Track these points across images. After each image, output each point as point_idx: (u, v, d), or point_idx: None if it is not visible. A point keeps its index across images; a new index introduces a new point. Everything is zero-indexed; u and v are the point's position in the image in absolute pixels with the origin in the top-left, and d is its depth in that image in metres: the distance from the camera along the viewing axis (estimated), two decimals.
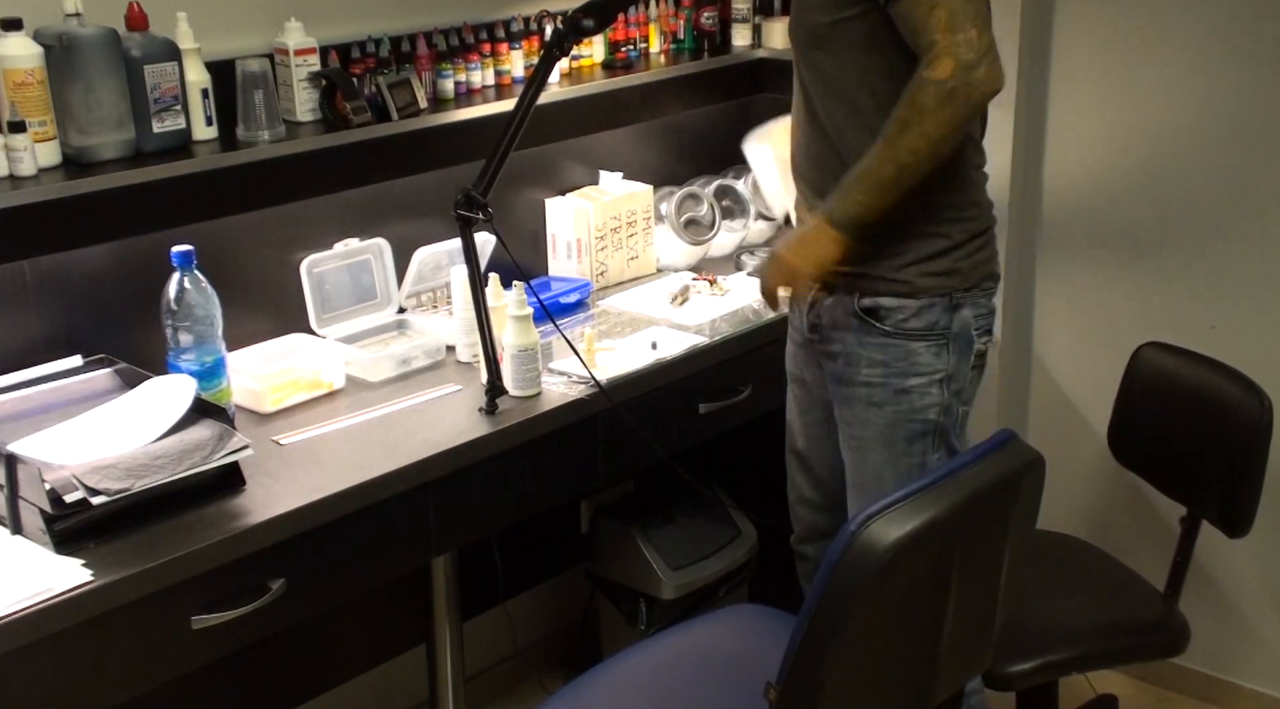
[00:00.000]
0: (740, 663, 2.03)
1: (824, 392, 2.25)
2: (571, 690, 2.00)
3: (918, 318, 2.07)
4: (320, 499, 1.92)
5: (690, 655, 2.08)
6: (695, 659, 2.06)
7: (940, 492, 1.61)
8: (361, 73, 2.44)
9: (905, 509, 1.55)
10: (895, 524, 1.53)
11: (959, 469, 1.67)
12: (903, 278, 2.06)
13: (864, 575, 1.53)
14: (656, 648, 2.11)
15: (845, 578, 1.53)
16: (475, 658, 2.86)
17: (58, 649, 1.67)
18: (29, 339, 2.15)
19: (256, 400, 2.20)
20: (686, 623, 2.22)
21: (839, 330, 2.13)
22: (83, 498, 1.75)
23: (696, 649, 2.10)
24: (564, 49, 2.21)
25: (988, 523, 1.72)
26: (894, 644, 1.68)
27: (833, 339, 2.15)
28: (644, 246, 2.90)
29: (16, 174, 2.04)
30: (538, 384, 2.27)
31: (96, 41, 2.09)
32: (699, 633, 2.16)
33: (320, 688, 2.72)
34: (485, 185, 2.19)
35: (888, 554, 1.51)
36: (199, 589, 1.79)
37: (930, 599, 1.67)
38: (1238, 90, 2.76)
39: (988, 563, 1.76)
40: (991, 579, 1.78)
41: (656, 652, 2.09)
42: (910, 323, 2.07)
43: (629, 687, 2.00)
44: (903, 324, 2.08)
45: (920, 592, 1.65)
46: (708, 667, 2.03)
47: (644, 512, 2.89)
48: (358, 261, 2.54)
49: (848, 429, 2.17)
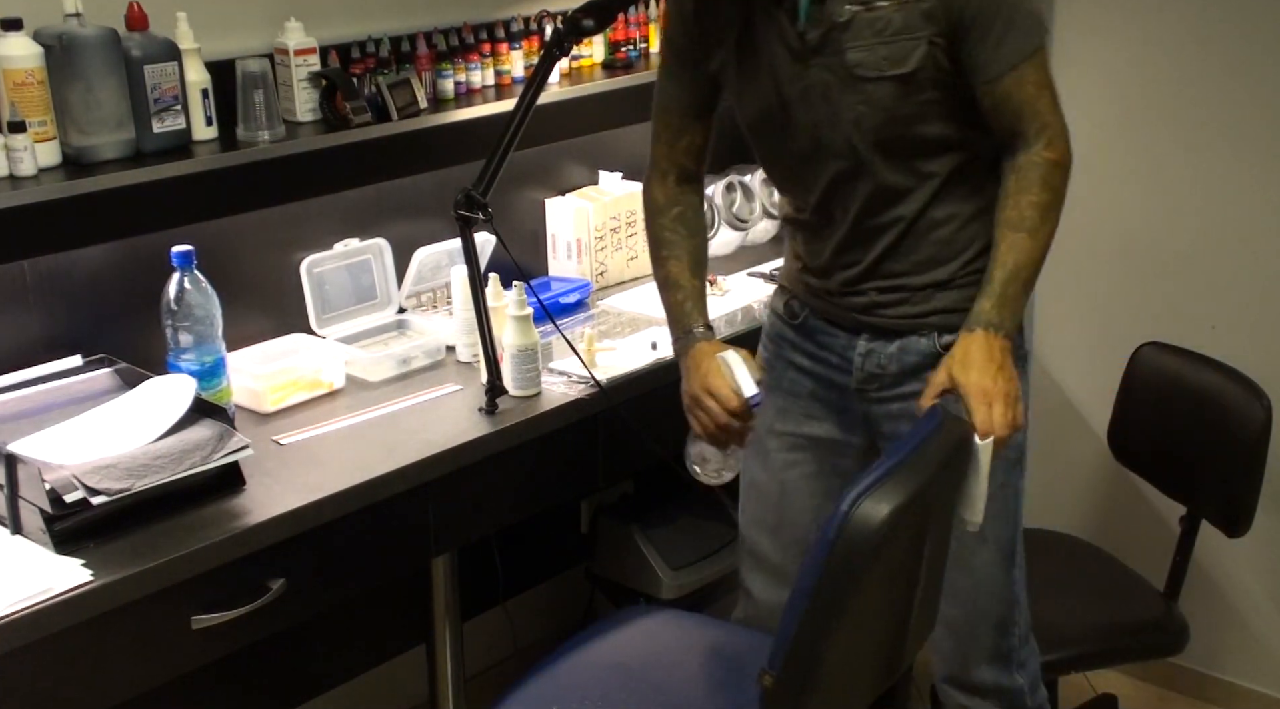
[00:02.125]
0: (661, 666, 1.99)
1: (843, 449, 2.14)
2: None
3: None
4: (320, 499, 1.92)
5: (607, 664, 2.00)
6: (612, 667, 1.99)
7: (915, 465, 1.64)
8: (361, 73, 2.44)
9: (890, 484, 1.57)
10: (885, 500, 1.55)
11: (926, 439, 1.70)
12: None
13: (861, 552, 1.54)
14: (570, 662, 2.00)
15: (843, 556, 1.55)
16: (475, 658, 2.86)
17: (58, 649, 1.67)
18: (29, 339, 2.15)
19: (256, 400, 2.20)
20: (588, 634, 2.09)
21: (913, 375, 2.00)
22: (83, 498, 1.75)
23: (612, 657, 2.02)
24: (564, 49, 2.21)
25: (946, 488, 1.77)
26: (880, 616, 1.71)
27: (904, 384, 2.02)
28: (644, 246, 2.89)
29: (16, 174, 2.04)
30: (538, 384, 2.27)
31: (96, 41, 2.09)
32: (610, 641, 2.07)
33: (320, 688, 2.72)
34: (485, 185, 2.19)
35: (883, 529, 1.53)
36: (199, 589, 1.79)
37: (909, 568, 1.72)
38: (1238, 88, 2.76)
39: (943, 526, 1.81)
40: (944, 541, 1.84)
41: (571, 667, 1.99)
42: None
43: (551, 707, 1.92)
44: None
45: (903, 562, 1.69)
46: (630, 674, 1.96)
47: (644, 512, 2.89)
48: (358, 261, 2.55)
49: None
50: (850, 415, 2.11)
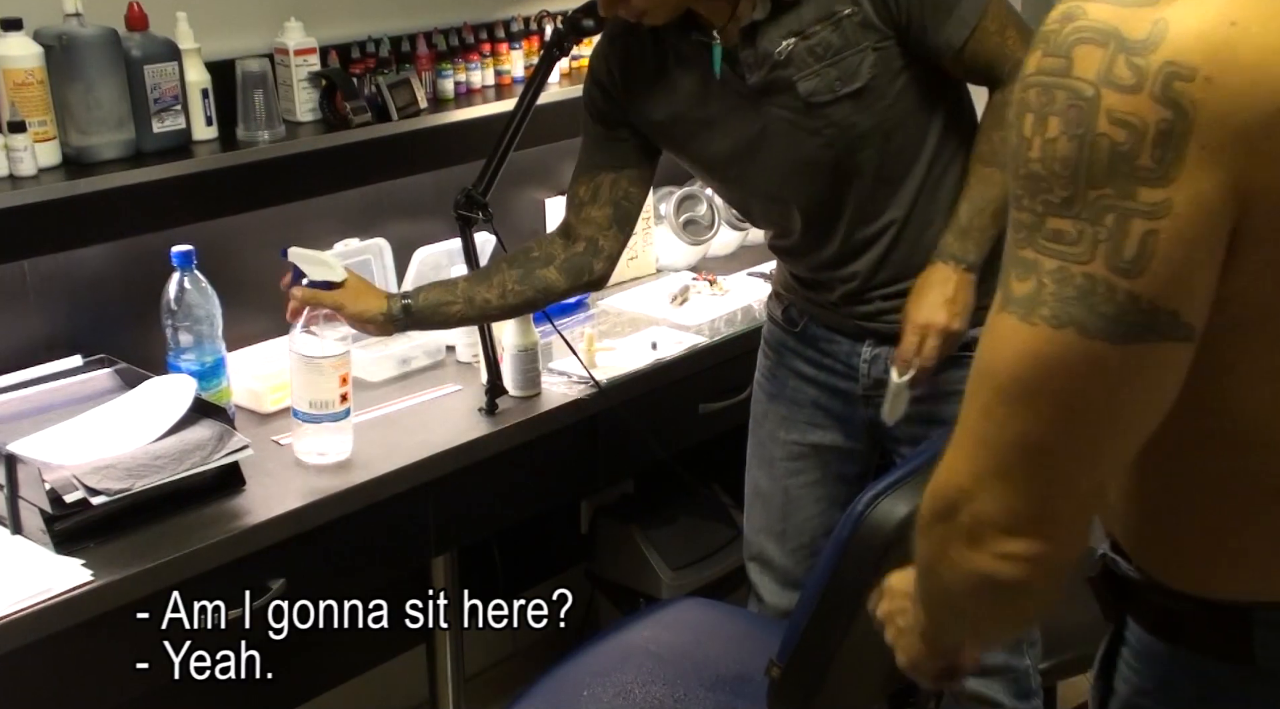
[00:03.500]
0: (691, 656, 2.01)
1: (848, 456, 2.13)
2: (524, 704, 1.96)
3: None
4: (320, 499, 1.92)
5: (639, 653, 2.03)
6: (645, 656, 2.02)
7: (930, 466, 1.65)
8: (361, 73, 2.44)
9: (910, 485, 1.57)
10: (903, 501, 1.55)
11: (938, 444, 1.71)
12: (984, 303, 1.99)
13: (874, 551, 1.54)
14: (604, 649, 2.05)
15: (856, 555, 1.55)
16: (475, 658, 2.86)
17: (57, 649, 1.67)
18: (29, 339, 2.15)
19: (256, 400, 2.20)
20: (626, 620, 2.16)
21: (940, 370, 1.94)
22: (83, 498, 1.75)
23: (646, 646, 2.05)
24: (564, 49, 2.21)
25: None
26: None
27: (934, 381, 1.95)
28: (644, 246, 2.90)
29: (16, 174, 2.04)
30: (538, 384, 2.27)
31: (96, 41, 2.09)
32: (644, 630, 2.11)
33: (320, 688, 2.71)
34: (485, 185, 2.19)
35: (899, 530, 1.53)
36: (199, 589, 1.79)
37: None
38: None
39: None
40: None
41: (604, 652, 2.04)
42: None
43: (584, 692, 1.96)
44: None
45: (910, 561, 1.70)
46: (661, 663, 2.00)
47: (644, 512, 2.89)
48: (358, 261, 2.54)
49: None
50: (855, 422, 2.11)
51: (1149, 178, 0.92)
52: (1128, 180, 0.92)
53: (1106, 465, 1.02)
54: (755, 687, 1.94)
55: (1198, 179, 0.92)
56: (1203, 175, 0.92)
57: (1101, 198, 0.93)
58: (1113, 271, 0.94)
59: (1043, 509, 1.01)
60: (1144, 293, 0.93)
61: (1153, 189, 0.92)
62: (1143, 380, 0.97)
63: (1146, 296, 0.94)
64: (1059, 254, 0.95)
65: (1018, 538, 1.02)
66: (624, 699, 1.92)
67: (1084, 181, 0.93)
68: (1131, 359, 0.96)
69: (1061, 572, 1.05)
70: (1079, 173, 0.93)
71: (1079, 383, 0.97)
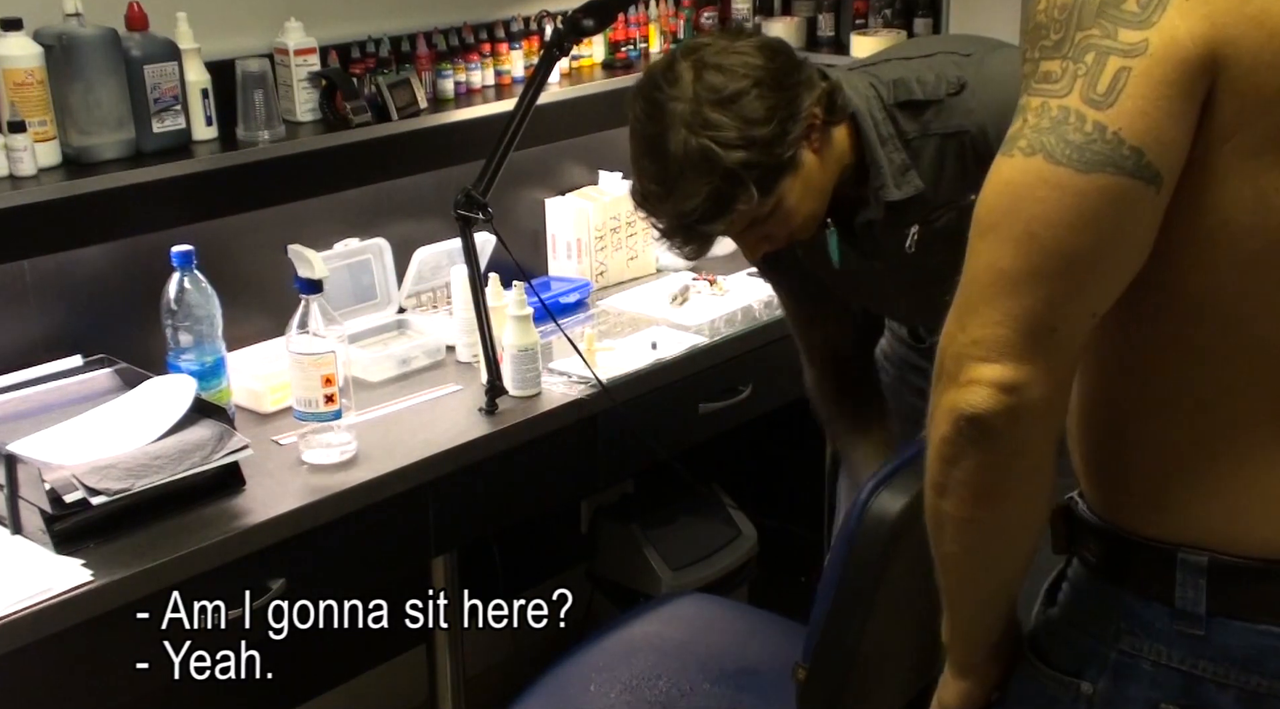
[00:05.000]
0: (694, 651, 2.02)
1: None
2: (530, 699, 1.97)
3: None
4: (320, 499, 1.92)
5: (643, 648, 2.04)
6: (649, 651, 2.03)
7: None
8: (361, 73, 2.44)
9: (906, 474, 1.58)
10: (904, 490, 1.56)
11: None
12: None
13: (882, 540, 1.56)
14: (607, 644, 2.07)
15: (864, 547, 1.56)
16: (475, 658, 2.86)
17: (57, 649, 1.67)
18: (29, 339, 2.15)
19: (256, 400, 2.20)
20: (628, 616, 2.17)
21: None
22: (83, 498, 1.75)
23: (649, 641, 2.06)
24: (564, 49, 2.21)
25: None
26: (911, 608, 1.71)
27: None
28: (644, 246, 2.90)
29: (16, 174, 2.04)
30: (538, 384, 2.27)
31: (96, 41, 2.09)
32: (647, 625, 2.12)
33: (320, 688, 2.71)
34: (485, 185, 2.19)
35: (901, 519, 1.54)
36: (199, 589, 1.79)
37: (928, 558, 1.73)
38: None
39: None
40: None
41: (608, 648, 2.05)
42: None
43: (590, 687, 1.97)
44: None
45: (924, 552, 1.70)
46: (665, 658, 2.01)
47: (644, 512, 2.89)
48: (358, 261, 2.54)
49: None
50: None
51: (1132, 21, 1.01)
52: (1113, 22, 1.01)
53: (1074, 306, 1.06)
54: (759, 681, 1.94)
55: (1176, 26, 1.00)
56: (1182, 23, 1.00)
57: (1087, 38, 1.02)
58: (1085, 103, 1.02)
59: (1012, 336, 1.05)
60: (1111, 124, 1.01)
61: (1133, 31, 1.01)
62: (1108, 217, 1.03)
63: (1113, 128, 1.01)
64: (1044, 92, 1.04)
65: (989, 364, 1.06)
66: (630, 694, 1.93)
67: (1074, 25, 1.03)
68: (1093, 190, 1.02)
69: (1037, 420, 1.08)
70: (1071, 17, 1.03)
71: (1044, 208, 1.03)
